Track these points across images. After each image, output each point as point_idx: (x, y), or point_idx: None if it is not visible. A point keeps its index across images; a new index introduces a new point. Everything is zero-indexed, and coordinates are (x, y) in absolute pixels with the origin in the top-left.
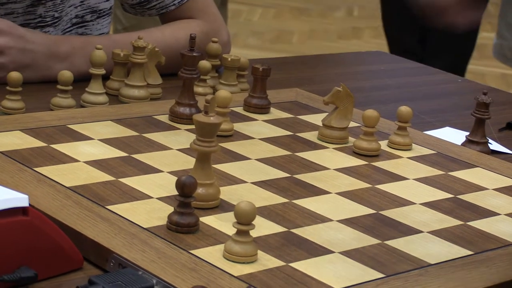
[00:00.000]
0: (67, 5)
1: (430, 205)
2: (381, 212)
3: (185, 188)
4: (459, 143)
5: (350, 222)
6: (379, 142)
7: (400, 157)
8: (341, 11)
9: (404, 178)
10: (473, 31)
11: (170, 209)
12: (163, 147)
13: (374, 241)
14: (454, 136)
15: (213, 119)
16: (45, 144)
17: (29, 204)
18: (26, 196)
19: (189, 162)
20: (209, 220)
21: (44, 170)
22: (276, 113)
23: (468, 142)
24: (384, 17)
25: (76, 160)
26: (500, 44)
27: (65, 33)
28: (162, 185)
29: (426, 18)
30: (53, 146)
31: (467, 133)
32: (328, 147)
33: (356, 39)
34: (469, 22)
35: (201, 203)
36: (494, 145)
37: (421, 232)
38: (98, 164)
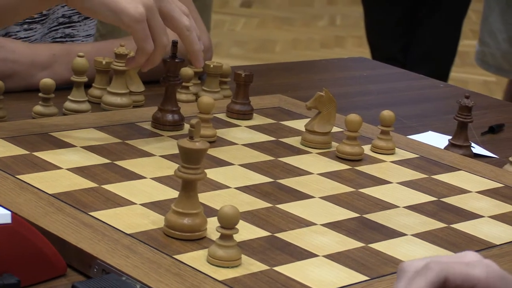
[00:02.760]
0: (54, 4)
1: (414, 208)
2: (364, 216)
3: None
4: (442, 147)
5: (334, 225)
6: (362, 146)
7: (383, 161)
8: (324, 21)
9: (387, 182)
10: (454, 39)
11: (153, 214)
12: (146, 154)
13: (358, 244)
14: (437, 140)
15: (198, 144)
16: (27, 152)
17: (12, 212)
18: (8, 213)
19: (171, 168)
20: None
21: (26, 177)
22: (259, 119)
23: (451, 145)
24: (367, 25)
25: (59, 168)
26: (482, 51)
27: (51, 32)
28: (145, 191)
29: None
30: (36, 153)
31: (450, 137)
32: (311, 152)
33: (339, 47)
34: None
35: (187, 234)
36: (477, 149)
37: (405, 235)
38: (81, 171)
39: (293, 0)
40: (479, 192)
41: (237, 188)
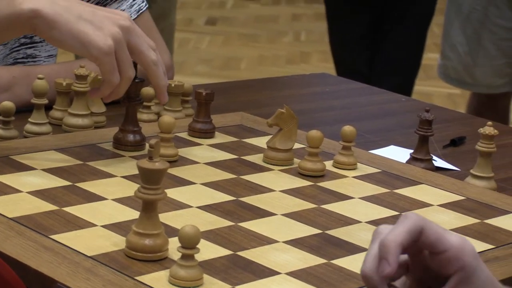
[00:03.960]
0: None
1: (376, 223)
2: (327, 232)
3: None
4: (404, 161)
5: (296, 242)
6: (324, 162)
7: (345, 176)
8: (289, 37)
9: (349, 197)
10: (418, 52)
11: (114, 236)
12: (107, 175)
13: (320, 260)
14: (399, 154)
15: (158, 164)
16: None
17: None
18: None
19: (133, 189)
20: None
21: None
22: (221, 137)
23: (413, 159)
24: (332, 40)
25: (19, 191)
26: (444, 64)
27: (13, 53)
28: (106, 212)
29: None
30: None
31: (412, 151)
32: (273, 169)
33: (304, 63)
34: None
35: (148, 255)
36: (439, 162)
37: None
38: (41, 194)
39: (258, 17)
40: (440, 205)
41: (199, 207)
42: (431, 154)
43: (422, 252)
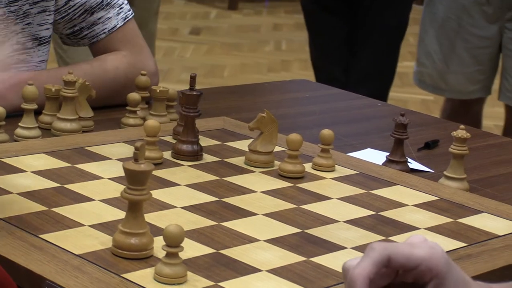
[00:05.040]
0: (9, 31)
1: (353, 222)
2: (306, 231)
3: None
4: (380, 163)
5: (277, 241)
6: (304, 164)
7: (324, 178)
8: (270, 46)
9: (328, 198)
10: (392, 61)
11: (101, 235)
12: (95, 177)
13: (300, 258)
14: (375, 156)
15: (143, 166)
16: None
17: None
18: None
19: (119, 190)
20: None
21: None
22: (204, 141)
23: (389, 161)
24: (311, 49)
25: (9, 192)
26: (419, 71)
27: (7, 59)
28: (93, 213)
29: None
30: None
31: (388, 154)
32: (254, 171)
33: (285, 71)
34: None
35: (134, 253)
36: (414, 164)
37: (345, 248)
38: (31, 195)
39: (240, 27)
40: (415, 205)
41: (183, 208)
42: (406, 157)
43: (398, 272)
